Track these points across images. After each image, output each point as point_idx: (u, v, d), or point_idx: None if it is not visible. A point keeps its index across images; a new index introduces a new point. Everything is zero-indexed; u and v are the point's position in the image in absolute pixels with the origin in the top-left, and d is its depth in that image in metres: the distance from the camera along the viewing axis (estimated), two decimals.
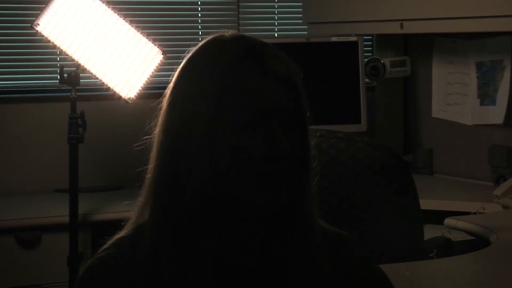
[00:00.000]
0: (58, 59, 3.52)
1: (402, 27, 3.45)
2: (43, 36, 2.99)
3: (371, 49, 4.00)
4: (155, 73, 3.13)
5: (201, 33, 3.79)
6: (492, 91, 3.55)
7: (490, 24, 3.18)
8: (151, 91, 3.04)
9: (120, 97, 3.11)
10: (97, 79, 3.08)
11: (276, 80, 1.27)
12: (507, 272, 2.20)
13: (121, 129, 3.40)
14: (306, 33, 3.87)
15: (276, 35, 3.93)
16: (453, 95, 3.73)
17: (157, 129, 1.33)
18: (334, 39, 3.65)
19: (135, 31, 3.10)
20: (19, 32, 3.48)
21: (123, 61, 3.08)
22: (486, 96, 3.57)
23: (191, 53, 1.33)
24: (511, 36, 3.44)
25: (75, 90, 3.06)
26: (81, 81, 3.08)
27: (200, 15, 3.79)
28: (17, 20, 3.50)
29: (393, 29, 3.48)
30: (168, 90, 1.33)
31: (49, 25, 2.98)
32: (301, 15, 3.88)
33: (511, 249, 2.40)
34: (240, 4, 3.83)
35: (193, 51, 1.33)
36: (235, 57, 1.28)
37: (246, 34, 1.35)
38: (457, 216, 2.77)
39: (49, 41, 3.01)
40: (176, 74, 1.34)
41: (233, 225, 1.29)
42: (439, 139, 3.85)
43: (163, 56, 3.12)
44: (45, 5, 2.99)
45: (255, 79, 1.27)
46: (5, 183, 3.44)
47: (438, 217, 2.91)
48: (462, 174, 3.72)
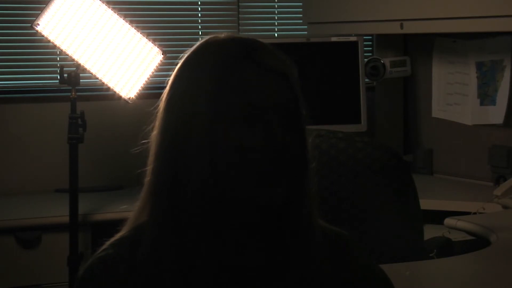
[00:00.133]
0: (58, 59, 3.52)
1: (402, 27, 3.45)
2: (43, 36, 2.99)
3: (371, 49, 4.00)
4: (155, 73, 3.13)
5: (201, 33, 3.79)
6: (492, 91, 3.55)
7: (490, 24, 3.18)
8: (151, 91, 3.05)
9: (120, 97, 3.11)
10: (97, 79, 3.08)
11: (272, 76, 1.28)
12: (507, 272, 2.20)
13: (121, 129, 3.40)
14: (306, 33, 3.87)
15: (276, 35, 3.93)
16: (453, 95, 3.73)
17: (155, 131, 1.33)
18: (334, 39, 3.65)
19: (135, 31, 3.10)
20: (19, 32, 3.48)
21: (123, 61, 3.08)
22: (486, 96, 3.57)
23: (186, 55, 1.34)
24: (511, 36, 3.44)
25: (75, 90, 3.06)
26: (81, 81, 3.08)
27: (200, 15, 3.79)
28: (17, 20, 3.50)
29: (393, 29, 3.48)
30: (164, 93, 1.34)
31: (49, 25, 2.99)
32: (301, 15, 3.88)
33: (511, 249, 2.40)
34: (240, 4, 3.82)
35: (188, 53, 1.34)
36: (231, 55, 1.29)
37: (242, 34, 1.36)
38: (457, 216, 2.77)
39: (49, 41, 3.01)
40: (172, 76, 1.34)
41: (233, 225, 1.30)
42: (439, 139, 3.85)
43: (163, 56, 3.12)
44: (45, 5, 2.99)
45: (252, 75, 1.28)
46: (5, 183, 3.44)
47: (438, 217, 2.91)
48: (462, 174, 3.72)
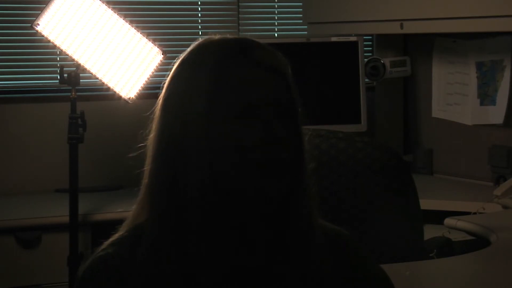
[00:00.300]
0: (58, 59, 3.51)
1: (402, 27, 3.45)
2: (43, 36, 2.99)
3: (371, 49, 4.00)
4: (155, 73, 3.13)
5: (201, 33, 3.78)
6: (492, 91, 3.55)
7: (490, 24, 3.18)
8: (151, 91, 3.04)
9: (120, 97, 3.11)
10: (97, 79, 3.08)
11: (265, 70, 1.30)
12: (507, 272, 2.20)
13: (121, 129, 3.40)
14: (306, 33, 3.86)
15: (276, 35, 3.93)
16: (453, 95, 3.73)
17: (152, 133, 1.34)
18: (334, 39, 3.65)
19: (135, 31, 3.10)
20: (19, 32, 3.48)
21: (123, 61, 3.08)
22: (486, 96, 3.57)
23: (182, 56, 1.35)
24: (511, 36, 3.44)
25: (75, 90, 3.06)
26: (81, 81, 3.08)
27: (200, 15, 3.79)
28: (17, 20, 3.50)
29: (393, 29, 3.48)
30: (161, 94, 1.34)
31: (49, 25, 2.98)
32: (301, 15, 3.88)
33: (511, 249, 2.40)
34: (240, 4, 3.82)
35: (184, 53, 1.35)
36: (227, 53, 1.31)
37: (242, 34, 1.37)
38: (457, 216, 2.77)
39: (49, 41, 3.01)
40: (168, 77, 1.35)
41: (233, 225, 1.30)
42: (439, 139, 3.85)
43: (163, 56, 3.12)
44: (45, 5, 2.99)
45: (248, 73, 1.29)
46: (5, 183, 3.44)
47: (438, 217, 2.91)
48: (462, 174, 3.72)
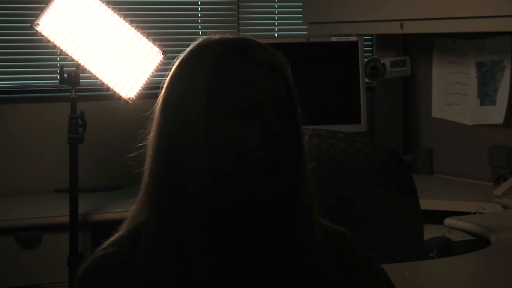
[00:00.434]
0: (58, 59, 3.51)
1: (402, 27, 3.45)
2: (43, 36, 2.99)
3: (371, 49, 4.00)
4: (155, 73, 3.13)
5: (201, 33, 3.78)
6: (492, 91, 3.55)
7: (490, 24, 3.18)
8: (151, 91, 3.04)
9: (120, 97, 3.11)
10: (97, 79, 3.07)
11: (265, 70, 1.30)
12: (507, 272, 2.19)
13: (121, 129, 3.40)
14: (306, 33, 3.86)
15: (276, 35, 3.93)
16: (453, 95, 3.73)
17: (152, 133, 1.33)
18: (334, 39, 3.65)
19: (135, 31, 3.10)
20: (19, 32, 3.48)
21: (123, 61, 3.08)
22: (486, 96, 3.57)
23: (181, 56, 1.35)
24: (511, 36, 3.44)
25: (75, 90, 3.06)
26: (81, 81, 3.08)
27: (200, 15, 3.79)
28: (17, 20, 3.50)
29: (393, 29, 3.48)
30: (160, 94, 1.34)
31: (49, 25, 2.98)
32: (301, 15, 3.88)
33: (511, 249, 2.40)
34: (240, 4, 3.82)
35: (184, 53, 1.35)
36: (224, 52, 1.31)
37: (241, 34, 1.37)
38: (457, 216, 2.77)
39: (49, 41, 3.01)
40: (168, 77, 1.35)
41: (233, 224, 1.30)
42: (439, 139, 3.85)
43: (163, 56, 3.12)
44: (45, 5, 2.99)
45: (245, 71, 1.29)
46: (5, 183, 3.44)
47: (438, 217, 2.91)
48: (462, 174, 3.72)
